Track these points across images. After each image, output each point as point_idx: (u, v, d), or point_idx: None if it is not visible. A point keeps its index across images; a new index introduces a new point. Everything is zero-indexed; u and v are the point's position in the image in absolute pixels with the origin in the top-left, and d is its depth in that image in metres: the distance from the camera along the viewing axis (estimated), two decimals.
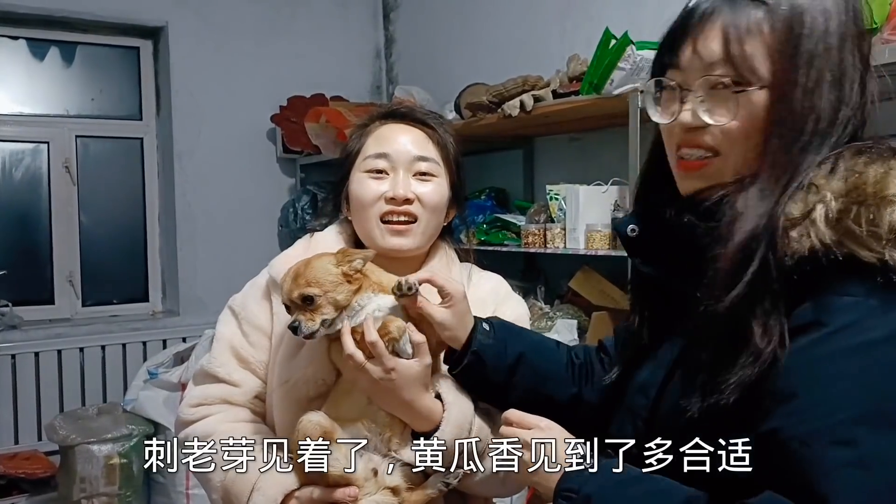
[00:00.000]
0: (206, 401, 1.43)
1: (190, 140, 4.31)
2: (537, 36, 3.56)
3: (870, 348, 0.87)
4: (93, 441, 3.44)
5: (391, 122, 1.49)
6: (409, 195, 1.42)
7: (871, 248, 0.87)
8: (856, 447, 0.84)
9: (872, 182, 0.90)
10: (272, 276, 1.44)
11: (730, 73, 0.99)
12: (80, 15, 4.13)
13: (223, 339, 1.46)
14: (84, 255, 4.30)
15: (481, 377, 1.30)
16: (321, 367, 1.35)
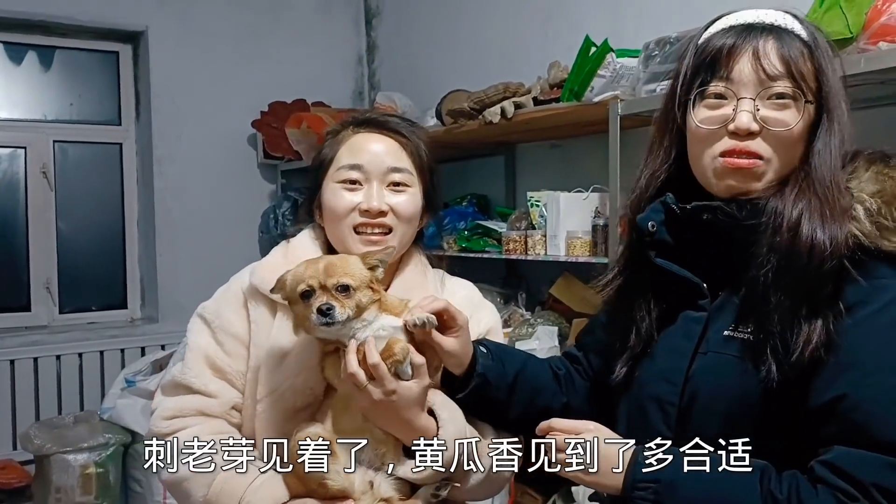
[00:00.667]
0: (180, 413, 1.37)
1: (170, 145, 4.28)
2: (518, 43, 3.56)
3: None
4: (69, 450, 3.39)
5: (364, 130, 1.47)
6: (383, 207, 1.41)
7: (891, 239, 1.08)
8: None
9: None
10: (254, 283, 1.41)
11: (791, 87, 1.15)
12: (58, 19, 4.09)
13: (196, 348, 1.42)
14: (61, 262, 4.25)
15: (485, 397, 1.35)
16: (310, 377, 1.34)
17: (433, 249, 3.40)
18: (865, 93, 1.95)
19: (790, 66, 1.13)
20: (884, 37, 1.69)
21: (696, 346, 1.19)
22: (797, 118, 1.14)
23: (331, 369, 1.30)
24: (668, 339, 1.24)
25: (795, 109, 1.14)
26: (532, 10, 3.50)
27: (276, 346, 1.37)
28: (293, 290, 1.26)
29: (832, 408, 1.05)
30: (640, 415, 1.24)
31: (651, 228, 1.24)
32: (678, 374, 1.19)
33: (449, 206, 3.75)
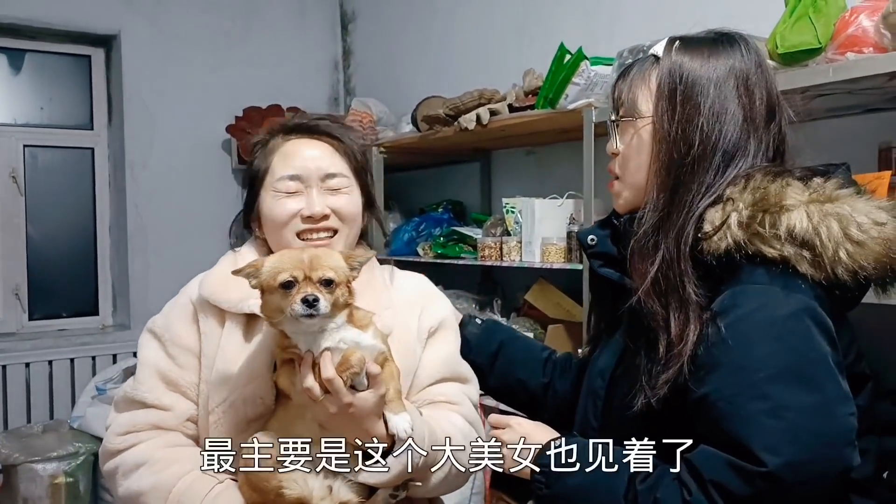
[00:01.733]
0: (134, 428, 1.36)
1: (142, 150, 4.23)
2: (494, 50, 3.58)
3: (777, 323, 1.10)
4: (37, 460, 3.34)
5: (295, 136, 1.47)
6: (325, 211, 1.42)
7: (773, 246, 1.12)
8: (770, 400, 1.07)
9: (774, 194, 1.15)
10: (203, 296, 1.41)
11: (625, 111, 1.31)
12: (28, 22, 4.03)
13: (147, 363, 1.41)
14: (31, 268, 4.19)
15: (468, 359, 1.54)
16: (261, 386, 1.33)
17: (408, 255, 3.40)
18: (834, 102, 1.98)
19: (623, 92, 1.31)
20: (852, 47, 1.72)
21: (624, 346, 1.32)
22: (622, 141, 1.32)
23: (286, 379, 1.29)
24: (615, 338, 1.37)
25: (623, 133, 1.32)
26: (507, 17, 3.51)
27: (226, 357, 1.36)
28: (272, 277, 1.24)
29: (698, 405, 1.13)
30: (582, 406, 1.40)
31: (591, 242, 1.40)
32: (608, 371, 1.34)
33: (424, 212, 3.76)
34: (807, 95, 1.88)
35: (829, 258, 1.10)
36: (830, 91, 1.83)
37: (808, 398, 1.07)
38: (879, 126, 2.05)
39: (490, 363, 1.62)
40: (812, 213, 1.13)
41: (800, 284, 1.12)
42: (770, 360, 1.09)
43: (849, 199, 1.15)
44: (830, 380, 1.09)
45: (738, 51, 1.28)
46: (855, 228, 1.11)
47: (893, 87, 1.77)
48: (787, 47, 1.79)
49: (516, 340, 1.67)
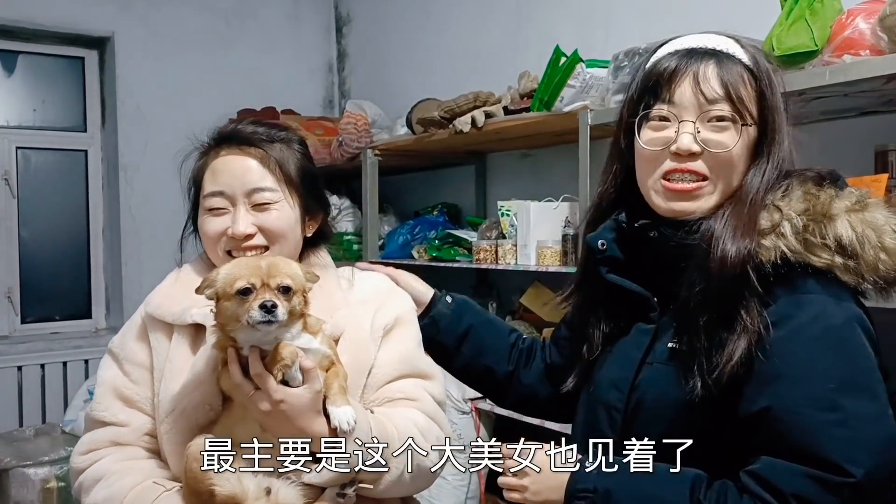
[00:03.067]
0: (94, 446, 1.40)
1: (136, 153, 4.22)
2: (489, 52, 3.57)
3: (833, 332, 1.10)
4: (28, 464, 3.31)
5: (226, 151, 1.44)
6: (248, 230, 1.39)
7: (821, 255, 1.12)
8: (839, 411, 1.06)
9: (822, 203, 1.14)
10: (149, 312, 1.43)
11: (730, 110, 1.20)
12: (22, 23, 4.02)
13: (104, 383, 1.44)
14: (24, 270, 4.17)
15: (432, 340, 1.54)
16: (207, 393, 1.33)
17: (403, 258, 3.39)
18: (830, 105, 1.98)
19: (729, 90, 1.19)
20: (848, 49, 1.72)
21: (643, 356, 1.26)
22: (735, 139, 1.20)
23: (227, 380, 1.27)
24: (621, 348, 1.31)
25: (734, 131, 1.20)
26: (503, 20, 3.51)
27: (173, 367, 1.37)
28: (227, 285, 1.22)
29: (759, 418, 1.10)
30: (591, 418, 1.32)
31: (601, 247, 1.33)
32: (625, 383, 1.26)
33: (419, 215, 3.75)
34: (803, 98, 1.87)
35: (869, 266, 1.12)
36: (827, 94, 1.83)
37: (870, 406, 1.08)
38: (875, 129, 2.05)
39: (456, 345, 1.57)
40: (854, 222, 1.13)
41: (846, 293, 1.13)
42: (832, 370, 1.09)
43: (879, 208, 1.17)
44: (880, 385, 1.10)
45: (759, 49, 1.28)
46: (888, 236, 1.13)
47: (889, 89, 1.77)
48: (783, 50, 1.79)
49: (485, 324, 1.60)
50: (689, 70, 1.21)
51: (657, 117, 1.23)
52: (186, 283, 1.40)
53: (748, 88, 1.21)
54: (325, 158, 3.80)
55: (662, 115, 1.22)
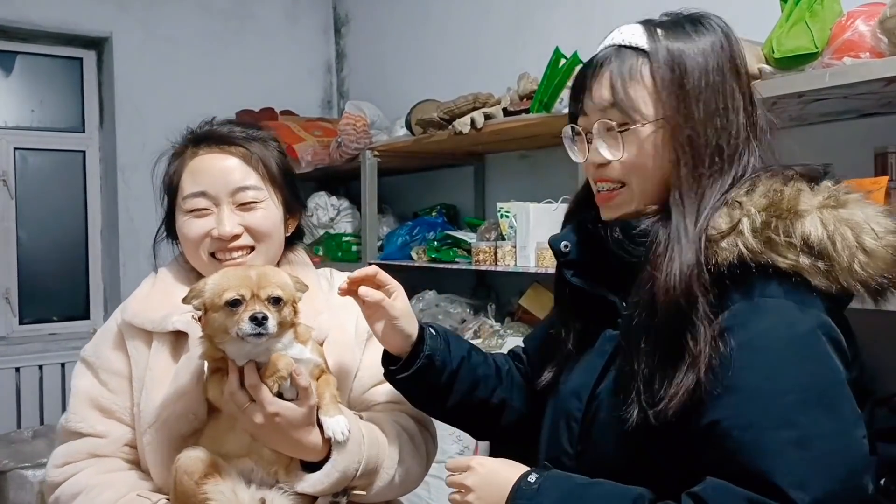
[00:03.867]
0: (71, 458, 1.35)
1: (134, 153, 4.20)
2: (488, 54, 3.57)
3: (793, 341, 1.01)
4: (27, 466, 3.30)
5: (204, 150, 1.42)
6: (235, 231, 1.37)
7: (787, 256, 1.02)
8: (794, 429, 0.96)
9: (788, 199, 1.05)
10: (126, 320, 1.39)
11: (617, 116, 1.15)
12: (19, 24, 4.01)
13: (79, 393, 1.39)
14: (21, 271, 4.17)
15: (427, 381, 1.32)
16: (191, 402, 1.31)
17: (402, 260, 3.39)
18: (829, 107, 1.97)
19: (616, 94, 1.14)
20: (848, 52, 1.71)
21: (605, 363, 1.19)
22: (630, 145, 1.14)
23: (215, 389, 1.26)
24: (587, 356, 1.24)
25: (627, 137, 1.14)
26: (502, 21, 3.51)
27: (154, 376, 1.34)
28: (216, 296, 1.20)
29: (708, 432, 1.01)
30: (554, 430, 1.24)
31: (564, 249, 1.28)
32: (585, 391, 1.19)
33: (418, 216, 3.75)
34: (803, 100, 1.87)
35: (843, 268, 1.01)
36: (826, 96, 1.83)
37: (831, 424, 0.97)
38: (875, 131, 2.05)
39: (450, 383, 1.34)
40: (826, 219, 1.03)
41: (814, 298, 1.02)
42: (789, 383, 0.98)
43: (859, 205, 1.06)
44: (847, 402, 1.00)
45: (712, 26, 1.17)
46: (868, 236, 1.02)
47: (889, 91, 1.77)
48: (783, 52, 1.78)
49: (473, 354, 1.40)
50: (588, 82, 1.19)
51: (575, 133, 1.23)
52: (165, 290, 1.38)
53: (643, 83, 1.14)
54: (324, 159, 3.80)
55: (577, 131, 1.22)
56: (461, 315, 3.28)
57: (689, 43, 1.14)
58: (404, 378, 1.31)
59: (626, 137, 1.15)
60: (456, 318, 3.26)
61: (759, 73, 1.83)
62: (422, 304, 3.34)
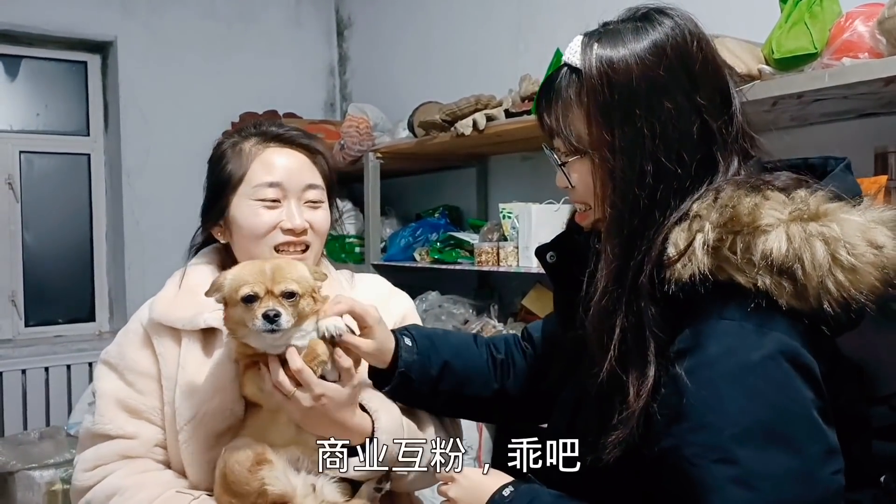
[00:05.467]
0: (101, 461, 1.33)
1: (139, 157, 4.23)
2: (490, 56, 3.58)
3: (748, 370, 0.92)
4: (34, 467, 3.32)
5: (276, 145, 1.44)
6: (305, 225, 1.40)
7: (746, 275, 0.93)
8: (738, 465, 0.89)
9: (746, 213, 0.95)
10: (155, 319, 1.39)
11: (561, 145, 1.10)
12: (25, 28, 4.03)
13: (105, 395, 1.38)
14: (27, 274, 4.18)
15: (408, 392, 1.33)
16: (226, 398, 1.32)
17: (405, 261, 3.40)
18: (829, 107, 1.99)
19: (553, 126, 1.11)
20: (847, 52, 1.72)
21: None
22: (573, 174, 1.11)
23: (252, 385, 1.27)
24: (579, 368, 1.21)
25: (569, 167, 1.11)
26: (503, 23, 3.52)
27: (187, 374, 1.34)
28: (234, 291, 1.22)
29: (663, 457, 0.96)
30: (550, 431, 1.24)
31: (550, 259, 1.26)
32: (568, 409, 1.19)
33: (421, 217, 3.76)
34: (803, 101, 1.89)
35: (814, 288, 0.91)
36: (826, 96, 1.84)
37: (785, 461, 0.89)
38: (874, 131, 2.06)
39: (434, 389, 1.34)
40: (794, 234, 0.93)
41: (778, 320, 0.93)
42: (739, 415, 0.91)
43: (839, 215, 0.95)
44: (812, 435, 0.91)
45: (660, 23, 1.06)
46: (845, 252, 0.91)
47: (889, 91, 1.78)
48: (783, 53, 1.80)
49: (456, 354, 1.38)
50: (540, 109, 1.14)
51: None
52: (194, 288, 1.37)
53: (576, 107, 1.07)
54: None
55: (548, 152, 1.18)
56: (464, 316, 3.29)
57: (622, 49, 1.04)
58: (386, 392, 1.33)
59: (568, 168, 1.11)
60: (459, 319, 3.28)
61: (759, 73, 1.85)
62: (425, 305, 3.35)
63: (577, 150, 1.08)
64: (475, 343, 1.45)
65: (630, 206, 1.02)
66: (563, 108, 1.08)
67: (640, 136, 1.02)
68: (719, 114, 1.05)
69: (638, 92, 1.02)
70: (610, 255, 1.04)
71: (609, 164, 1.04)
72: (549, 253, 1.26)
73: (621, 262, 1.03)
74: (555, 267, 1.26)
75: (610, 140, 1.03)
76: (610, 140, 1.03)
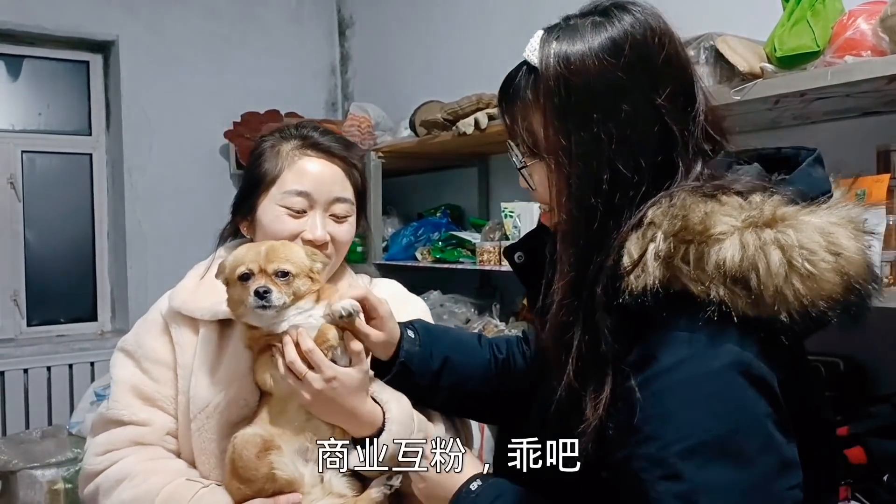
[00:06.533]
0: (113, 446, 1.35)
1: (141, 156, 4.23)
2: (492, 54, 3.58)
3: (699, 382, 0.89)
4: (36, 466, 3.32)
5: (312, 154, 1.44)
6: (326, 238, 1.41)
7: (700, 285, 0.89)
8: (683, 481, 0.86)
9: (698, 221, 0.92)
10: (174, 307, 1.41)
11: (522, 147, 1.06)
12: (27, 28, 4.03)
13: (121, 381, 1.40)
14: (29, 273, 4.19)
15: (409, 382, 1.32)
16: (242, 388, 1.33)
17: (407, 260, 3.40)
18: (832, 105, 1.98)
19: (513, 130, 1.08)
20: (850, 50, 1.72)
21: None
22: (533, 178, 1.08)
23: (263, 371, 1.29)
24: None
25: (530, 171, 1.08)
26: (505, 22, 3.52)
27: (204, 363, 1.36)
28: (232, 271, 1.27)
29: (617, 467, 0.94)
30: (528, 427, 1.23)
31: (518, 259, 1.24)
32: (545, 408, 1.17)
33: (423, 216, 3.76)
34: (805, 99, 1.88)
35: (770, 296, 0.87)
36: (828, 94, 1.84)
37: (734, 476, 0.86)
38: (877, 129, 2.06)
39: (434, 383, 1.33)
40: (748, 242, 0.89)
41: (732, 331, 0.89)
42: (688, 429, 0.88)
43: (799, 218, 0.91)
44: (766, 449, 0.88)
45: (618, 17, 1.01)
46: (801, 259, 0.88)
47: (891, 90, 1.78)
48: (785, 51, 1.79)
49: (458, 349, 1.38)
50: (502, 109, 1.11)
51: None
52: (211, 281, 1.39)
53: (533, 108, 1.03)
54: None
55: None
56: (466, 315, 3.29)
57: (580, 46, 1.00)
58: (387, 381, 1.32)
59: (530, 170, 1.08)
60: (460, 318, 3.27)
61: (762, 71, 1.84)
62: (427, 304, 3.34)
63: (535, 153, 1.05)
64: (479, 342, 1.45)
65: (586, 215, 0.99)
66: (522, 108, 1.05)
67: (597, 141, 0.97)
68: (681, 115, 1.00)
69: (595, 93, 0.98)
70: (566, 265, 1.01)
71: (565, 170, 0.99)
72: (518, 253, 1.24)
73: (577, 272, 0.99)
74: (524, 267, 1.24)
75: (566, 145, 0.99)
76: (566, 145, 0.99)
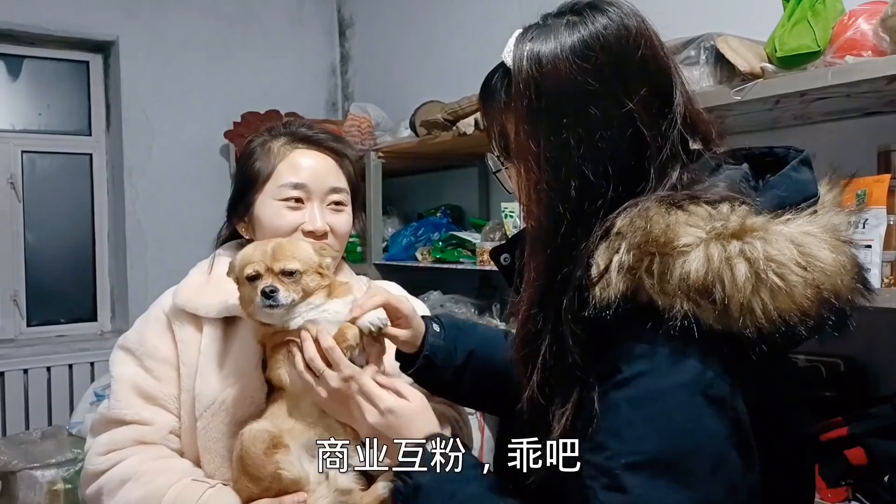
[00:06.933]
0: (116, 446, 1.33)
1: (141, 156, 4.23)
2: (492, 55, 3.55)
3: (656, 397, 0.87)
4: (35, 466, 3.32)
5: (303, 147, 1.46)
6: (326, 228, 1.42)
7: (665, 297, 0.87)
8: (626, 493, 0.85)
9: (660, 233, 0.89)
10: (179, 305, 1.40)
11: (499, 152, 1.05)
12: (27, 28, 4.04)
13: (122, 380, 1.38)
14: (29, 274, 4.19)
15: (433, 376, 1.32)
16: (248, 385, 1.33)
17: (407, 260, 3.40)
18: (832, 105, 1.98)
19: (489, 131, 1.07)
20: (850, 50, 1.72)
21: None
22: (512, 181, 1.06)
23: (277, 367, 1.29)
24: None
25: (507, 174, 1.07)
26: (505, 22, 3.50)
27: (209, 360, 1.35)
28: (241, 270, 1.28)
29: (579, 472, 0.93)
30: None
31: (504, 262, 1.23)
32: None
33: (423, 217, 3.76)
34: (805, 99, 1.88)
35: (737, 311, 0.84)
36: (829, 95, 1.84)
37: (679, 496, 0.84)
38: (878, 129, 2.05)
39: (458, 377, 1.33)
40: (713, 254, 0.86)
41: (695, 346, 0.86)
42: (638, 443, 0.86)
43: (771, 228, 0.88)
44: (718, 470, 0.85)
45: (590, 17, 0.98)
46: (769, 272, 0.84)
47: (892, 90, 1.77)
48: (785, 51, 1.79)
49: (485, 343, 1.37)
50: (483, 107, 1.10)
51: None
52: (218, 276, 1.39)
53: (508, 111, 1.01)
54: None
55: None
56: (466, 315, 3.29)
57: (551, 47, 0.98)
58: (410, 374, 1.32)
59: (507, 173, 1.06)
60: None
61: (762, 71, 1.84)
62: (427, 305, 3.34)
63: (508, 157, 1.04)
64: (506, 338, 1.41)
65: (555, 222, 0.96)
66: (497, 110, 1.03)
67: (566, 146, 0.94)
68: (655, 122, 0.96)
69: (565, 97, 0.95)
70: (534, 275, 0.99)
71: (534, 176, 0.97)
72: (504, 255, 1.23)
73: (545, 282, 0.97)
74: (510, 269, 1.22)
75: (536, 150, 0.96)
76: (536, 150, 0.96)
